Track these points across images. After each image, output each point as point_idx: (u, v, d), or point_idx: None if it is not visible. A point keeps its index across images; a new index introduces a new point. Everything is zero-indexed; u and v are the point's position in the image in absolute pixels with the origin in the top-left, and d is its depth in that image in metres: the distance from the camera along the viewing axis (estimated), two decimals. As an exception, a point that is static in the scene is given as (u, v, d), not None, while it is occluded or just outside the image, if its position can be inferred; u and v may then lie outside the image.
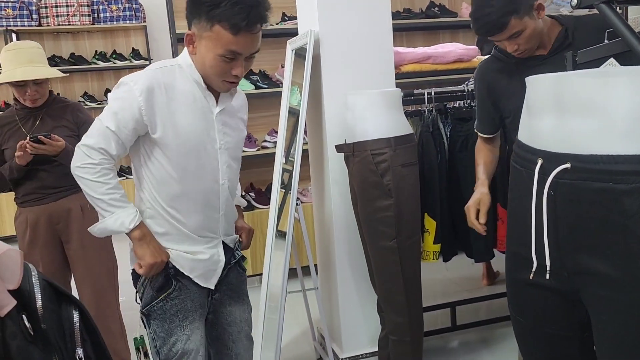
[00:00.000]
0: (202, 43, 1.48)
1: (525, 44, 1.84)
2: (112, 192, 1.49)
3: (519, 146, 1.20)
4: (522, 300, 1.25)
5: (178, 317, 1.59)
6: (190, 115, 1.52)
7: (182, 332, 1.59)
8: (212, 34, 1.44)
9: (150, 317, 1.60)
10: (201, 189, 1.58)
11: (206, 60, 1.48)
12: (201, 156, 1.55)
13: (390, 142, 2.11)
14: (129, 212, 1.51)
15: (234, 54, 1.46)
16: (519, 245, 1.19)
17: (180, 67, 1.54)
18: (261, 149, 4.02)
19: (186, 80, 1.53)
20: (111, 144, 1.48)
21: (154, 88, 1.48)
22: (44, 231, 2.46)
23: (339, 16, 2.44)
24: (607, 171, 0.99)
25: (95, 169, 1.47)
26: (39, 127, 2.43)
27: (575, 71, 1.25)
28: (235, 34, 1.43)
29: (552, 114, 1.08)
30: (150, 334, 1.61)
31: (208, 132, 1.56)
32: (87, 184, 1.49)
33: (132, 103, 1.46)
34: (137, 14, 5.81)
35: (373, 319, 2.56)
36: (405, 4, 4.65)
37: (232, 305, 1.75)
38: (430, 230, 2.52)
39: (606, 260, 1.02)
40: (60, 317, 0.99)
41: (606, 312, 1.04)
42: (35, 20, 5.60)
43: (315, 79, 2.50)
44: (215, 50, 1.46)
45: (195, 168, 1.55)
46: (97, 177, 1.47)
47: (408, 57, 3.00)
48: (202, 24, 1.45)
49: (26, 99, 2.40)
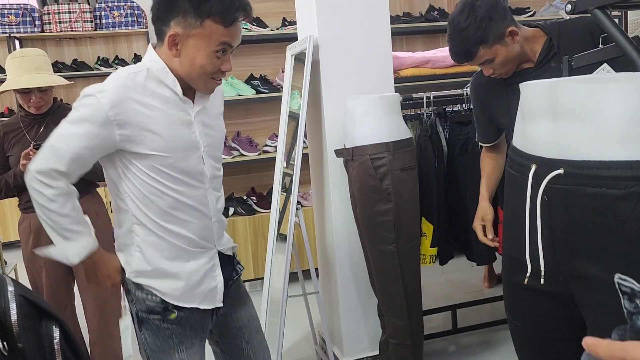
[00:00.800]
0: (190, 43, 1.37)
1: (500, 69, 1.82)
2: (60, 219, 1.39)
3: (513, 152, 1.22)
4: (518, 304, 1.26)
5: (173, 340, 1.49)
6: (169, 122, 1.41)
7: (177, 355, 1.49)
8: (203, 30, 1.35)
9: (143, 323, 1.50)
10: (190, 196, 1.47)
11: (197, 60, 1.38)
12: (186, 163, 1.45)
13: (389, 147, 2.12)
14: (73, 246, 1.42)
15: (225, 46, 1.39)
16: (514, 250, 1.20)
17: (150, 71, 1.41)
18: (262, 153, 4.04)
19: (158, 85, 1.41)
20: (70, 164, 1.37)
21: (124, 99, 1.35)
22: (47, 237, 2.45)
23: (338, 22, 2.45)
24: (600, 176, 1.00)
25: (47, 192, 1.36)
26: (44, 134, 2.43)
27: (568, 77, 1.26)
28: (227, 26, 1.36)
29: (545, 120, 1.09)
30: (141, 337, 1.51)
31: (189, 136, 1.45)
32: (35, 205, 1.39)
33: (99, 116, 1.34)
34: (139, 19, 5.84)
35: (374, 323, 2.57)
36: (404, 8, 4.67)
37: (237, 311, 1.67)
38: (427, 234, 2.53)
39: (600, 264, 1.03)
40: (40, 334, 0.96)
41: (601, 316, 1.05)
42: (38, 26, 5.63)
43: (315, 84, 2.52)
44: (208, 47, 1.37)
45: (182, 176, 1.45)
46: (47, 201, 1.37)
47: (407, 61, 3.02)
48: (189, 22, 1.35)
49: (31, 106, 2.42)
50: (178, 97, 1.43)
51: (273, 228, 2.69)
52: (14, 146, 2.45)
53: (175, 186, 1.44)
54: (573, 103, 1.04)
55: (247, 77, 4.04)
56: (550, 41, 1.82)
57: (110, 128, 1.35)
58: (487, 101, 2.00)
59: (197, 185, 1.48)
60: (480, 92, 2.02)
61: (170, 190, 1.44)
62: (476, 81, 2.04)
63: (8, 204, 5.38)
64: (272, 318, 2.62)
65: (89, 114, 1.35)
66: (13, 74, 2.37)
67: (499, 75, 1.85)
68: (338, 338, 2.70)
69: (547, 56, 1.82)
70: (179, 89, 1.43)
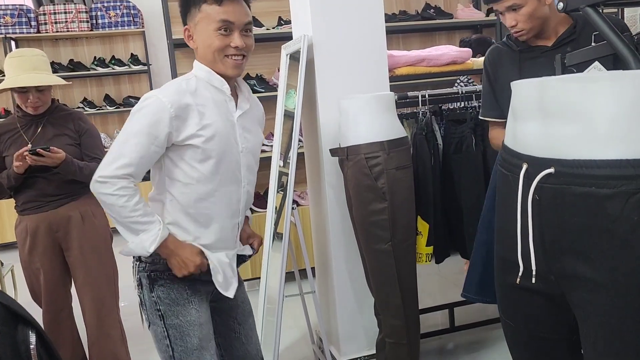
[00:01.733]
0: (197, 30, 1.56)
1: (524, 23, 1.84)
2: (133, 217, 1.49)
3: (505, 150, 1.22)
4: (510, 304, 1.26)
5: (186, 290, 1.59)
6: (216, 119, 1.56)
7: (191, 306, 1.59)
8: (202, 14, 1.53)
9: (156, 281, 1.59)
10: (226, 191, 1.61)
11: (206, 42, 1.55)
12: (226, 159, 1.59)
13: (384, 146, 2.12)
14: (149, 235, 1.52)
15: (226, 23, 1.53)
16: (506, 249, 1.20)
17: (198, 77, 1.59)
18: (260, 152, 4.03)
19: (206, 88, 1.58)
20: (137, 167, 1.49)
21: (181, 98, 1.51)
22: (43, 239, 2.46)
23: (332, 21, 2.45)
24: (589, 176, 1.00)
25: (113, 190, 1.47)
26: (41, 135, 2.43)
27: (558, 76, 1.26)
28: (219, 4, 1.52)
29: (536, 119, 1.09)
30: (153, 298, 1.59)
31: (231, 135, 1.60)
32: (107, 207, 1.51)
33: (162, 115, 1.48)
34: (135, 19, 5.83)
35: (370, 322, 2.57)
36: (400, 6, 4.66)
37: None
38: (423, 233, 2.53)
39: (591, 264, 1.03)
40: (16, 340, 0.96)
41: (591, 316, 1.05)
42: (34, 27, 5.62)
43: (310, 83, 2.52)
44: (209, 27, 1.53)
45: (221, 170, 1.58)
46: (115, 199, 1.48)
47: (402, 60, 3.01)
48: (193, 13, 1.55)
49: (28, 106, 2.40)
50: (225, 96, 1.60)
51: (269, 227, 2.69)
52: (10, 147, 2.43)
53: (213, 178, 1.57)
54: (563, 102, 1.04)
55: (244, 77, 4.04)
56: (574, 27, 1.87)
57: (170, 124, 1.49)
58: (499, 74, 2.02)
59: (232, 181, 1.63)
60: (494, 64, 2.04)
61: (208, 181, 1.57)
62: (491, 54, 2.07)
63: (5, 205, 5.38)
64: (269, 317, 2.62)
65: (152, 113, 1.49)
66: (11, 73, 2.36)
67: (517, 32, 1.87)
68: (335, 337, 2.70)
69: (566, 39, 1.87)
70: (226, 87, 1.59)
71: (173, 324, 1.57)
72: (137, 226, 1.51)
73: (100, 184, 1.48)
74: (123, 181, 1.47)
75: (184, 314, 1.58)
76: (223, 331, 1.75)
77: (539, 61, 1.90)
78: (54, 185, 2.42)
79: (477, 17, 4.57)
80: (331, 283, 2.63)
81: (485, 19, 4.55)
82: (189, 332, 1.57)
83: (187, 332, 1.57)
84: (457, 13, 4.57)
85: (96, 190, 1.49)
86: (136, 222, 1.50)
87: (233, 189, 1.64)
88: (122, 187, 1.47)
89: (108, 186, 1.47)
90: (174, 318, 1.57)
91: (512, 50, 2.00)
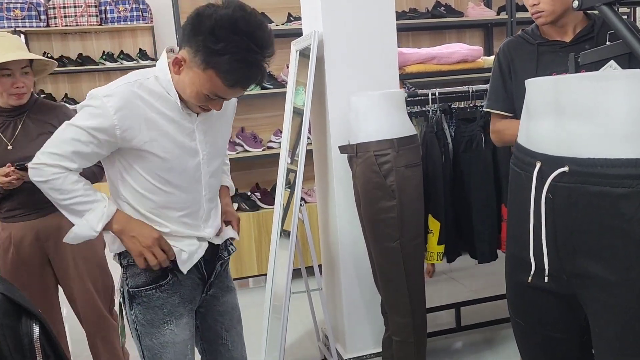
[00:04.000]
0: (189, 74, 1.39)
1: (546, 4, 1.83)
2: (72, 198, 1.42)
3: (518, 149, 1.20)
4: (521, 303, 1.25)
5: (162, 310, 1.54)
6: (171, 129, 1.44)
7: (166, 327, 1.54)
8: (204, 75, 1.35)
9: (134, 299, 1.53)
10: (183, 200, 1.52)
11: (187, 90, 1.41)
12: (183, 169, 1.49)
13: (394, 143, 2.11)
14: (95, 214, 1.43)
15: (218, 98, 1.42)
16: (518, 248, 1.19)
17: (158, 79, 1.44)
18: (267, 149, 4.04)
19: (163, 94, 1.44)
20: (72, 161, 1.41)
21: (129, 104, 1.38)
22: (30, 250, 2.21)
23: (343, 17, 2.44)
24: (604, 175, 0.99)
25: (48, 172, 1.40)
26: (21, 134, 2.16)
27: (574, 74, 1.25)
28: (229, 86, 1.37)
29: (550, 117, 1.08)
30: (131, 316, 1.55)
31: (189, 144, 1.49)
32: (46, 193, 1.43)
33: (104, 121, 1.37)
34: (144, 14, 5.84)
35: (377, 320, 2.56)
36: (411, 4, 4.64)
37: (225, 296, 1.72)
38: (434, 231, 2.52)
39: (604, 263, 1.02)
40: (19, 332, 0.95)
41: (604, 316, 1.04)
42: (43, 21, 5.64)
43: (319, 80, 2.51)
44: (200, 88, 1.38)
45: (178, 181, 1.49)
46: (51, 184, 1.40)
47: (412, 57, 3.01)
48: (197, 61, 1.35)
49: (12, 93, 2.11)
50: (179, 106, 1.46)
51: (277, 224, 2.69)
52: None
53: (169, 189, 1.49)
54: (578, 100, 1.03)
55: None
56: (592, 26, 1.87)
57: (113, 132, 1.38)
58: (516, 66, 1.98)
59: (191, 190, 1.53)
60: (509, 56, 2.00)
61: (164, 192, 1.48)
62: (507, 46, 2.03)
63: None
64: (275, 314, 2.62)
65: (93, 118, 1.38)
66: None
67: (537, 13, 1.87)
68: (341, 335, 2.69)
69: (584, 36, 1.87)
70: (179, 103, 1.45)
71: (147, 345, 1.55)
72: (80, 207, 1.42)
73: (33, 171, 1.41)
74: (54, 168, 1.39)
75: (158, 335, 1.54)
76: (209, 337, 1.72)
77: (558, 56, 1.88)
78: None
79: (488, 15, 4.54)
80: (338, 280, 2.63)
81: (496, 17, 4.52)
82: (161, 354, 1.55)
83: (159, 355, 1.55)
84: (467, 11, 4.54)
85: (31, 178, 1.43)
86: (77, 202, 1.42)
87: (193, 198, 1.54)
88: (54, 173, 1.39)
89: (39, 172, 1.40)
90: (148, 340, 1.55)
91: (529, 43, 1.97)
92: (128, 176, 1.47)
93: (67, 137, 1.40)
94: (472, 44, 3.51)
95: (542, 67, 1.91)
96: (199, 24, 1.32)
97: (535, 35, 1.96)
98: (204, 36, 1.31)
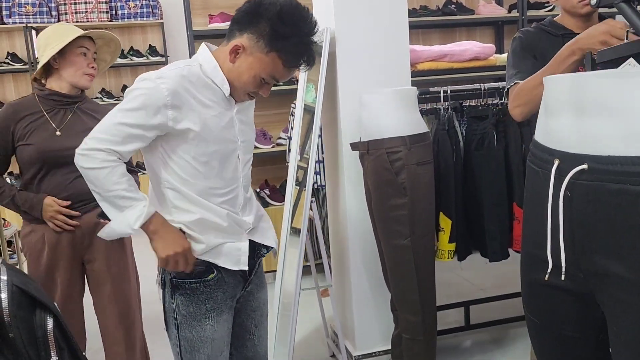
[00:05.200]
0: (248, 60, 1.46)
1: None
2: (117, 190, 1.42)
3: (535, 146, 1.20)
4: (537, 301, 1.24)
5: (205, 305, 1.55)
6: (216, 114, 1.50)
7: (207, 322, 1.55)
8: (266, 58, 1.44)
9: (177, 289, 1.54)
10: (223, 186, 1.55)
11: (244, 76, 1.48)
12: (224, 154, 1.54)
13: (405, 141, 2.10)
14: (135, 211, 1.44)
15: (274, 79, 1.50)
16: (535, 246, 1.19)
17: (202, 67, 1.50)
18: (276, 146, 4.04)
19: (207, 82, 1.50)
20: (124, 145, 1.41)
21: (180, 88, 1.43)
22: (67, 252, 2.12)
23: (355, 14, 2.44)
24: (624, 172, 0.98)
25: (97, 160, 1.40)
26: (71, 123, 2.11)
27: (593, 72, 1.24)
28: (288, 67, 1.47)
29: (569, 115, 1.07)
30: (172, 304, 1.55)
31: (229, 130, 1.54)
32: (90, 181, 1.43)
33: (157, 100, 1.40)
34: (155, 10, 5.85)
35: (386, 317, 2.56)
36: (421, 1, 4.63)
37: (259, 292, 1.75)
38: (445, 229, 2.51)
39: (622, 262, 1.01)
40: (33, 324, 0.95)
41: (622, 315, 1.03)
42: (54, 17, 5.66)
43: (331, 77, 2.51)
44: (259, 72, 1.46)
45: (220, 166, 1.53)
46: (98, 172, 1.40)
47: (424, 55, 3.00)
48: (259, 45, 1.43)
49: (87, 73, 2.10)
50: (222, 92, 1.51)
51: (286, 221, 2.69)
52: (32, 133, 2.04)
53: (211, 173, 1.51)
54: (598, 98, 1.02)
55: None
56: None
57: (165, 112, 1.41)
58: (541, 51, 1.88)
59: (230, 176, 1.57)
60: (533, 40, 1.91)
61: (207, 177, 1.51)
62: (527, 33, 1.94)
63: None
64: (284, 311, 2.62)
65: (146, 99, 1.41)
66: (68, 33, 2.05)
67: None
68: (350, 332, 2.69)
69: None
70: (226, 88, 1.51)
71: (186, 336, 1.56)
72: (122, 202, 1.43)
73: (82, 157, 1.41)
74: (103, 154, 1.40)
75: (198, 329, 1.55)
76: (238, 332, 1.73)
77: None
78: (78, 187, 2.04)
79: (499, 13, 4.52)
80: (348, 277, 2.63)
81: (507, 15, 4.50)
82: (199, 348, 1.56)
83: (197, 348, 1.56)
84: (478, 9, 4.52)
85: (78, 164, 1.42)
86: (121, 196, 1.42)
87: (231, 184, 1.57)
88: (104, 160, 1.39)
89: (89, 159, 1.40)
90: (187, 332, 1.55)
91: (552, 35, 1.90)
92: (171, 161, 1.49)
93: (117, 120, 1.41)
94: (482, 42, 3.49)
95: None
96: (265, 10, 1.42)
97: (557, 27, 1.90)
98: (271, 21, 1.41)
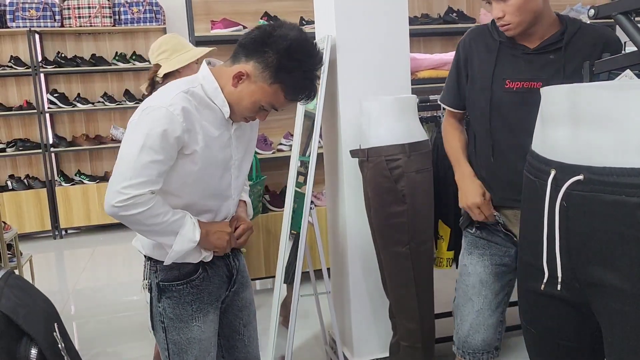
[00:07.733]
0: (251, 87, 1.45)
1: (512, 15, 1.65)
2: (167, 218, 1.45)
3: (532, 156, 1.21)
4: (533, 311, 1.25)
5: (192, 306, 1.57)
6: (215, 136, 1.50)
7: (194, 323, 1.57)
8: (269, 88, 1.44)
9: (164, 292, 1.56)
10: (211, 205, 1.59)
11: (244, 101, 1.48)
12: (219, 172, 1.55)
13: (405, 148, 2.11)
14: (187, 226, 1.48)
15: (272, 108, 1.50)
16: (531, 256, 1.19)
17: (203, 87, 1.49)
18: (277, 151, 4.05)
19: (208, 102, 1.50)
20: (158, 183, 1.42)
21: (187, 111, 1.43)
22: None
23: (356, 22, 2.45)
24: (620, 184, 0.99)
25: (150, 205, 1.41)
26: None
27: (590, 83, 1.25)
28: (289, 99, 1.47)
29: (566, 125, 1.08)
30: (159, 309, 1.58)
31: (226, 150, 1.55)
32: (139, 226, 1.45)
33: (176, 128, 1.40)
34: (158, 16, 5.89)
35: (385, 324, 2.56)
36: (423, 9, 4.65)
37: (244, 291, 1.76)
38: (444, 237, 2.51)
39: (618, 273, 1.02)
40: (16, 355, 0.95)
41: (617, 325, 1.04)
42: (58, 21, 5.70)
43: (332, 84, 2.52)
44: (260, 100, 1.46)
45: (213, 182, 1.55)
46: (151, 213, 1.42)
47: (425, 63, 3.01)
48: (264, 75, 1.43)
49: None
50: (222, 112, 1.51)
51: (286, 227, 2.70)
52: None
53: (199, 190, 1.53)
54: (595, 109, 1.03)
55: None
56: (562, 34, 1.69)
57: (182, 138, 1.42)
58: (473, 60, 1.85)
59: (222, 194, 1.59)
60: (469, 48, 1.85)
61: (193, 193, 1.52)
62: (470, 36, 1.88)
63: (24, 195, 5.43)
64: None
65: (169, 133, 1.39)
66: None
67: (505, 26, 1.69)
68: (348, 339, 2.69)
69: (549, 46, 1.70)
70: (226, 110, 1.50)
71: (174, 339, 1.58)
72: (174, 225, 1.46)
73: (126, 206, 1.40)
74: (145, 197, 1.40)
75: (185, 331, 1.57)
76: (227, 333, 1.75)
77: (519, 62, 1.73)
78: None
79: (500, 22, 4.54)
80: (346, 284, 2.63)
81: (508, 24, 4.52)
82: (187, 349, 1.58)
83: (185, 350, 1.58)
84: (479, 17, 4.54)
85: (118, 214, 1.41)
86: (172, 221, 1.45)
87: (221, 202, 1.60)
88: (148, 201, 1.40)
89: (133, 207, 1.40)
90: (175, 334, 1.57)
91: (492, 38, 1.79)
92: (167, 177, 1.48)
93: (149, 159, 1.39)
94: (484, 50, 3.51)
95: (499, 69, 1.76)
96: (274, 42, 1.41)
97: (500, 32, 1.76)
98: (279, 54, 1.40)
